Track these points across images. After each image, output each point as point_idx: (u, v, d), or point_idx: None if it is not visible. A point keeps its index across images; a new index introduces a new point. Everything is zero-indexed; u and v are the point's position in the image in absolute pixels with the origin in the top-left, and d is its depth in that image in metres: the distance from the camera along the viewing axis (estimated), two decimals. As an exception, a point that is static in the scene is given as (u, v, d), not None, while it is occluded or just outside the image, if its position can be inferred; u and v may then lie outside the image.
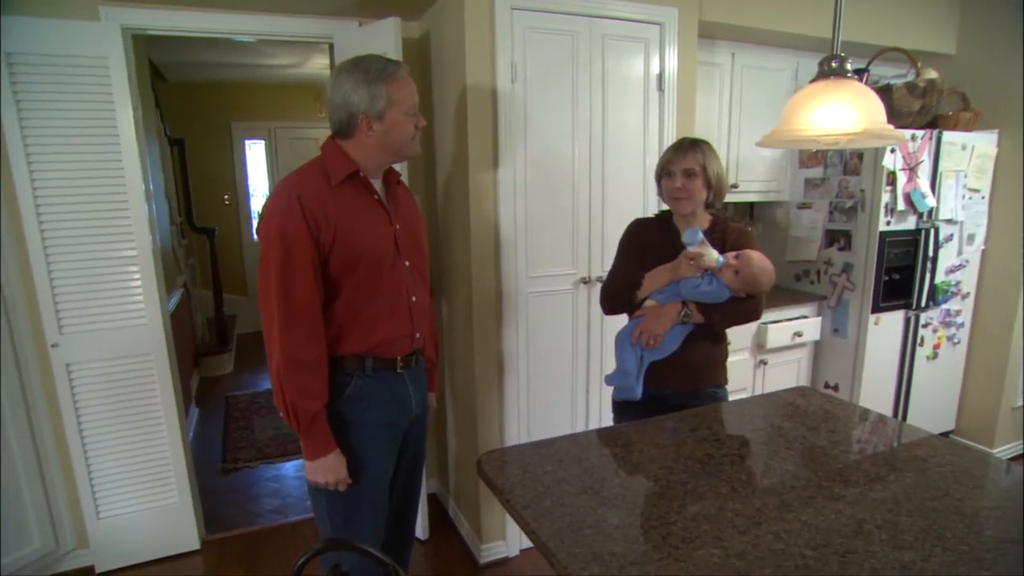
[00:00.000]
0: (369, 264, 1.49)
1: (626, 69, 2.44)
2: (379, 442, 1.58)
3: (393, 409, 1.61)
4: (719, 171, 1.76)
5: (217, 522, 2.82)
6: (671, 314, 1.73)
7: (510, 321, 2.40)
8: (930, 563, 1.00)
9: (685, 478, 1.28)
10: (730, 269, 1.66)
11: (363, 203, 1.52)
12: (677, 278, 1.73)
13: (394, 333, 1.56)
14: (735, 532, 1.08)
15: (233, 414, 4.11)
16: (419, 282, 1.64)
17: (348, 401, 1.53)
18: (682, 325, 1.73)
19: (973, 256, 3.24)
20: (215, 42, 4.29)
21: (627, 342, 1.79)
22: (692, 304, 1.72)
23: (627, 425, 1.56)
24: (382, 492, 1.61)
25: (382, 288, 1.52)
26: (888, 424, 1.66)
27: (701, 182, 1.74)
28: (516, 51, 2.23)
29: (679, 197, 1.77)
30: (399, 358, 1.59)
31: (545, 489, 1.24)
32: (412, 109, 1.51)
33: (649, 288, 1.78)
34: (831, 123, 1.14)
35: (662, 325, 1.73)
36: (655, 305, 1.77)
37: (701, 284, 1.69)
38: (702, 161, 1.73)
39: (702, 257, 1.65)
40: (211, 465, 3.37)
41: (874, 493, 1.22)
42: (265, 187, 6.35)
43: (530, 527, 1.11)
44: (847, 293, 2.99)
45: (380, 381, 1.56)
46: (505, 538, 2.56)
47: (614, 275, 1.91)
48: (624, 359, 1.80)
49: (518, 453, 1.41)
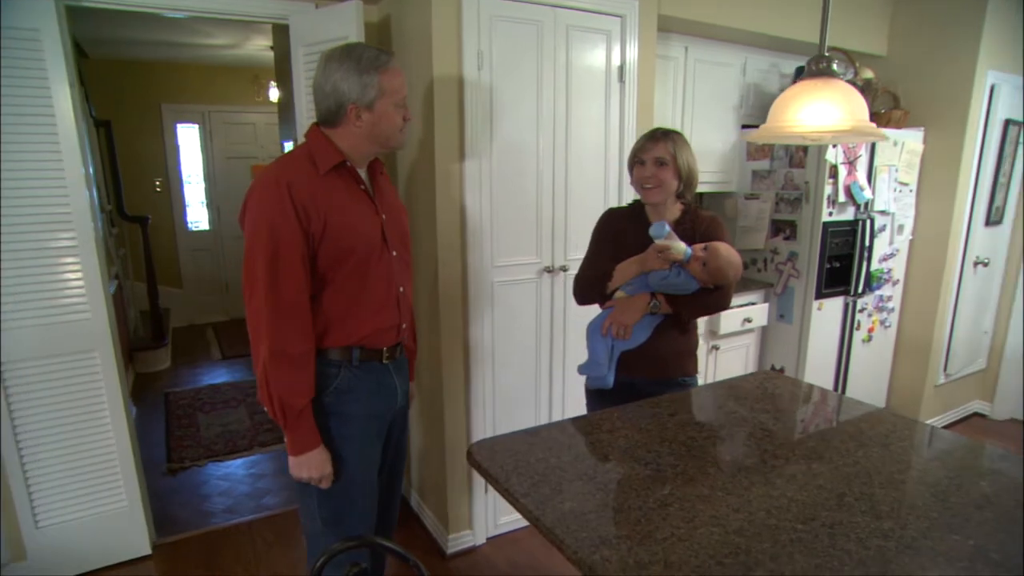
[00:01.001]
0: (359, 256, 1.46)
1: (589, 60, 2.47)
2: (366, 434, 1.56)
3: (380, 401, 1.59)
4: (690, 162, 1.79)
5: (168, 525, 2.70)
6: (640, 305, 1.76)
7: (476, 310, 2.40)
8: (907, 530, 1.08)
9: (673, 461, 1.32)
10: (697, 261, 1.68)
11: (351, 193, 1.49)
12: (646, 270, 1.75)
13: (383, 324, 1.54)
14: (730, 510, 1.13)
15: (175, 411, 3.93)
16: (405, 272, 1.63)
17: (335, 394, 1.50)
18: (651, 316, 1.77)
19: (903, 245, 3.47)
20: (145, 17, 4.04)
21: (598, 332, 1.82)
22: (661, 295, 1.75)
23: (609, 411, 1.59)
24: (371, 484, 1.59)
25: (371, 280, 1.50)
26: (848, 404, 1.76)
27: (671, 172, 1.77)
28: (483, 39, 2.21)
29: (649, 186, 1.80)
30: (385, 349, 1.57)
31: (541, 477, 1.25)
32: (402, 100, 1.48)
33: (619, 280, 1.80)
34: (818, 120, 1.19)
35: (631, 316, 1.75)
36: (625, 296, 1.79)
37: (669, 276, 1.71)
38: (673, 151, 1.76)
39: (669, 250, 1.67)
40: (156, 465, 3.21)
41: (847, 468, 1.30)
42: (199, 173, 6.05)
43: (532, 515, 1.12)
44: (792, 280, 3.14)
45: (366, 372, 1.54)
46: (472, 527, 2.56)
47: (587, 265, 1.93)
48: (595, 349, 1.83)
49: (507, 442, 1.42)
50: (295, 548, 2.58)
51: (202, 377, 4.63)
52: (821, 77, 1.24)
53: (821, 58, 1.25)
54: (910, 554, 1.01)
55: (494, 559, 2.52)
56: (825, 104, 1.19)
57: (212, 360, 5.05)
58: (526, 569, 2.46)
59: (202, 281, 6.12)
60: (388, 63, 1.44)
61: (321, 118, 1.48)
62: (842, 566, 0.97)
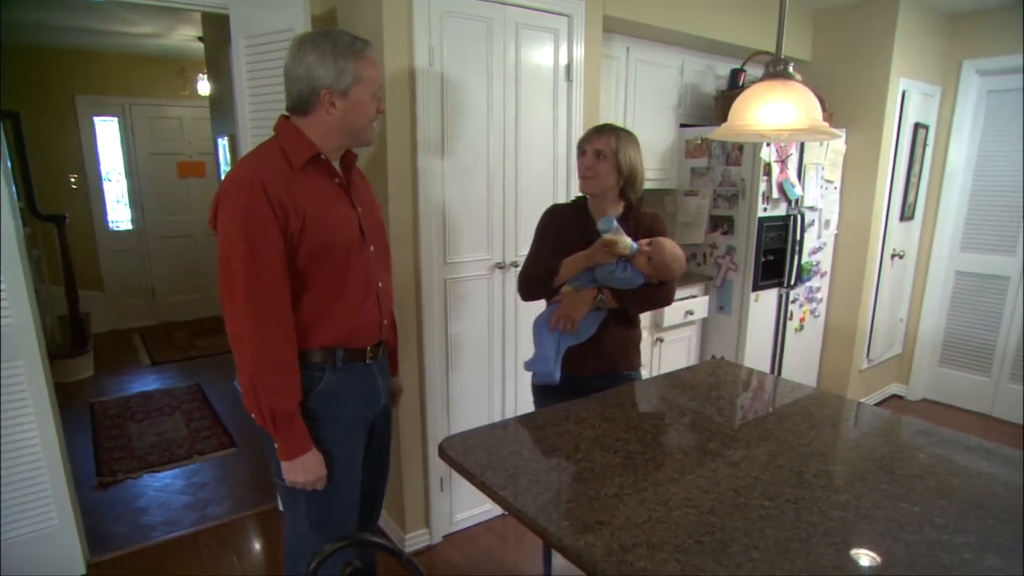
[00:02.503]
0: (339, 252, 1.43)
1: (538, 58, 2.49)
2: (350, 436, 1.54)
3: (363, 403, 1.57)
4: (633, 160, 1.80)
5: (102, 542, 2.54)
6: (587, 300, 1.77)
7: (428, 308, 2.38)
8: (862, 501, 1.16)
9: (642, 448, 1.36)
10: (643, 256, 1.71)
11: (327, 188, 1.45)
12: (592, 264, 1.76)
13: (363, 320, 1.52)
14: (700, 492, 1.18)
15: (103, 422, 3.70)
16: (383, 266, 1.60)
17: (320, 398, 1.46)
18: (597, 311, 1.79)
19: (829, 239, 3.68)
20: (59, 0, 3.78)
21: (545, 328, 1.83)
22: (607, 290, 1.77)
23: (574, 403, 1.62)
24: (356, 484, 1.57)
25: (351, 276, 1.47)
26: (796, 388, 1.86)
27: (610, 165, 1.78)
28: (433, 35, 2.20)
29: (585, 176, 1.82)
30: (368, 348, 1.54)
31: (516, 469, 1.27)
32: (377, 91, 1.45)
33: (566, 275, 1.80)
34: (776, 119, 1.26)
35: (578, 311, 1.76)
36: (571, 291, 1.80)
37: (616, 271, 1.73)
38: (614, 146, 1.78)
39: (616, 244, 1.69)
40: (84, 479, 3.01)
41: (803, 448, 1.38)
42: (121, 170, 5.71)
43: (513, 506, 1.13)
44: (731, 273, 3.28)
45: (350, 375, 1.51)
46: (429, 526, 2.55)
47: (532, 261, 1.92)
48: (542, 344, 1.83)
49: (478, 437, 1.42)
50: (246, 557, 2.49)
51: (130, 385, 4.38)
52: (779, 79, 1.31)
53: (779, 60, 1.32)
54: (867, 523, 1.09)
55: (451, 557, 2.51)
56: (783, 104, 1.26)
57: (140, 366, 4.79)
58: (484, 565, 2.47)
59: (126, 284, 5.77)
60: (365, 50, 1.41)
61: (291, 105, 1.43)
62: (809, 537, 1.04)
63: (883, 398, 4.24)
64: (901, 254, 3.93)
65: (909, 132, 3.72)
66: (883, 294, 3.86)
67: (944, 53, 3.82)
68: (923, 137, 3.85)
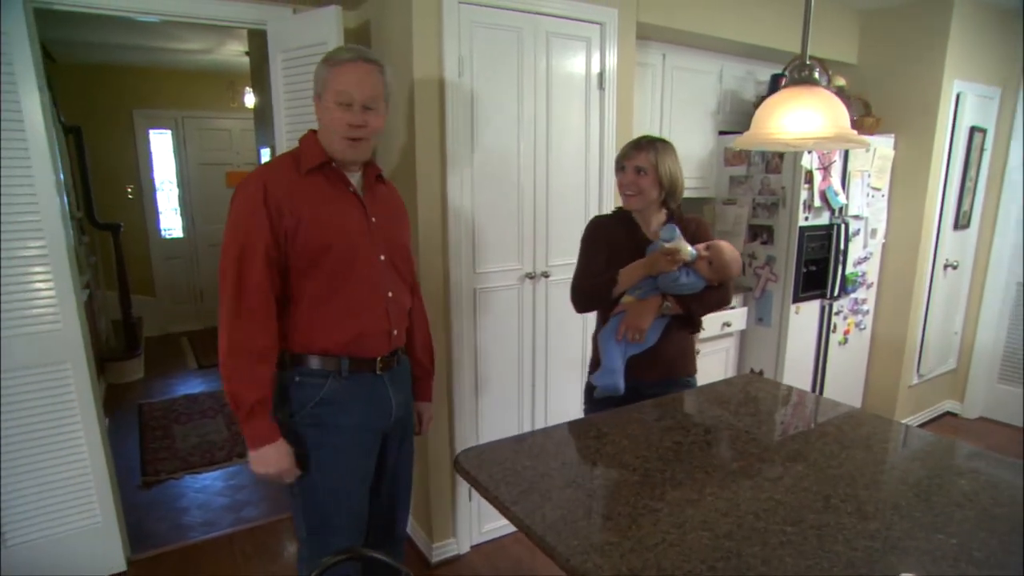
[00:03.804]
0: (339, 254, 1.45)
1: (569, 67, 2.48)
2: (355, 444, 1.54)
3: (371, 412, 1.56)
4: (673, 170, 1.81)
5: (143, 540, 2.63)
6: (653, 308, 1.77)
7: (458, 318, 2.38)
8: (893, 531, 1.09)
9: (661, 466, 1.32)
10: (703, 260, 1.73)
11: (335, 193, 1.49)
12: (653, 273, 1.76)
13: (369, 328, 1.51)
14: (718, 515, 1.13)
15: (149, 423, 3.84)
16: (396, 279, 1.59)
17: (322, 404, 1.48)
18: (661, 318, 1.79)
19: (876, 249, 3.54)
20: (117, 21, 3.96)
21: (611, 339, 1.80)
22: (671, 297, 1.78)
23: (594, 417, 1.59)
24: (358, 495, 1.57)
25: (353, 280, 1.48)
26: (830, 406, 1.78)
27: (651, 180, 1.79)
28: (463, 45, 2.21)
29: (629, 193, 1.83)
30: (378, 359, 1.54)
31: (530, 484, 1.25)
32: (344, 98, 1.42)
33: (625, 284, 1.80)
34: (801, 127, 1.21)
35: (645, 320, 1.76)
36: (635, 300, 1.79)
37: (680, 277, 1.74)
38: (654, 160, 1.78)
39: (678, 252, 1.70)
40: (129, 479, 3.13)
41: (832, 470, 1.32)
42: (173, 180, 5.95)
43: (523, 523, 1.12)
44: (770, 284, 3.18)
45: (356, 384, 1.52)
46: (456, 536, 2.54)
47: (584, 273, 1.92)
48: (611, 357, 1.80)
49: (494, 450, 1.41)
50: (277, 560, 2.53)
51: (177, 387, 4.53)
52: (804, 85, 1.26)
53: (804, 66, 1.27)
54: (897, 554, 1.03)
55: (478, 567, 2.50)
56: (808, 111, 1.21)
57: (187, 370, 4.95)
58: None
59: (176, 289, 6.00)
60: (343, 60, 1.43)
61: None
62: (832, 567, 0.98)
63: (935, 415, 4.03)
64: (955, 264, 3.74)
65: (964, 136, 3.54)
66: (935, 306, 3.68)
67: (1003, 53, 3.63)
68: (980, 141, 3.66)
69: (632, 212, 1.90)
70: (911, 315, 3.56)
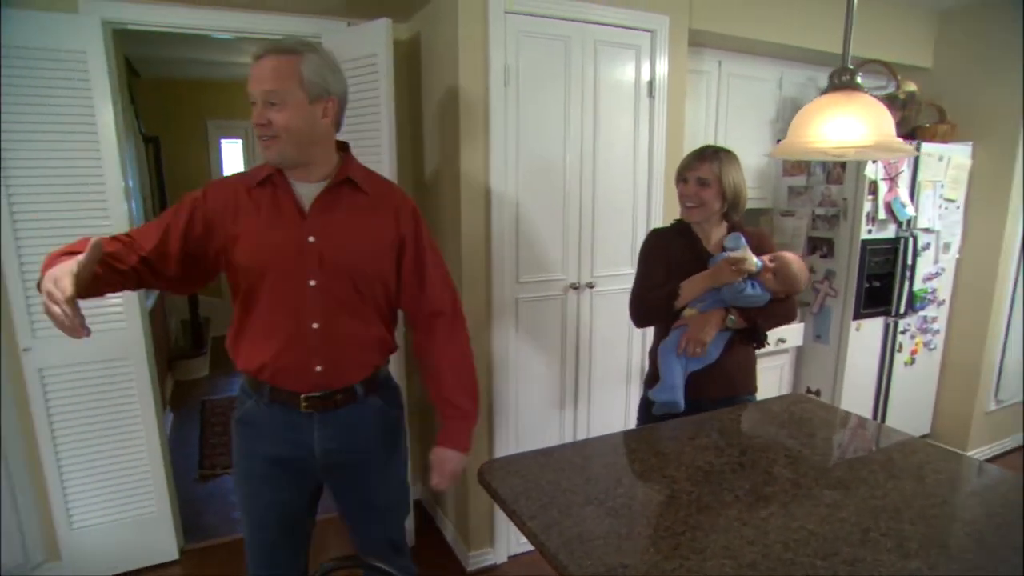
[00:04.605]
0: (254, 275, 1.36)
1: (617, 75, 2.45)
2: (264, 475, 1.46)
3: (286, 446, 1.44)
4: (737, 182, 1.76)
5: (196, 531, 2.74)
6: (716, 321, 1.72)
7: (500, 327, 2.38)
8: (936, 572, 1.01)
9: (689, 487, 1.28)
10: (768, 272, 1.68)
11: (273, 208, 1.38)
12: (717, 285, 1.71)
13: (283, 359, 1.37)
14: (744, 542, 1.08)
15: (210, 419, 4.02)
16: (334, 308, 1.39)
17: (239, 423, 1.48)
18: (724, 332, 1.73)
19: (948, 264, 3.32)
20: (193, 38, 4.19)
21: (672, 354, 1.75)
22: (735, 310, 1.72)
23: (626, 433, 1.55)
24: (267, 530, 1.50)
25: (268, 304, 1.37)
26: (882, 432, 1.68)
27: (714, 192, 1.75)
28: (509, 55, 2.22)
29: (690, 204, 1.79)
30: (302, 396, 1.40)
31: (550, 499, 1.22)
32: (251, 98, 1.32)
33: (687, 297, 1.76)
34: (841, 135, 1.15)
35: (708, 333, 1.71)
36: (697, 313, 1.74)
37: (745, 289, 1.68)
38: (717, 171, 1.74)
39: (744, 262, 1.65)
40: (188, 472, 3.28)
41: (875, 501, 1.23)
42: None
43: (538, 539, 1.10)
44: (829, 300, 3.04)
45: (276, 414, 1.42)
46: (493, 545, 2.53)
47: (644, 286, 1.88)
48: (671, 372, 1.74)
49: (518, 462, 1.39)
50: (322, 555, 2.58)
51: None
52: (844, 90, 1.19)
53: (844, 70, 1.20)
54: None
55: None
56: (848, 119, 1.14)
57: (249, 369, 5.15)
58: (547, 590, 2.42)
59: (242, 291, 6.27)
60: (253, 58, 1.33)
61: None
62: (860, 607, 0.92)
63: (1015, 445, 3.73)
64: (1040, 283, 3.46)
65: (1052, 145, 3.28)
66: (1016, 327, 3.41)
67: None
68: (1071, 151, 3.38)
69: (692, 224, 1.85)
70: (988, 336, 3.32)
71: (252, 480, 1.48)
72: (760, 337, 1.81)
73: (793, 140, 1.23)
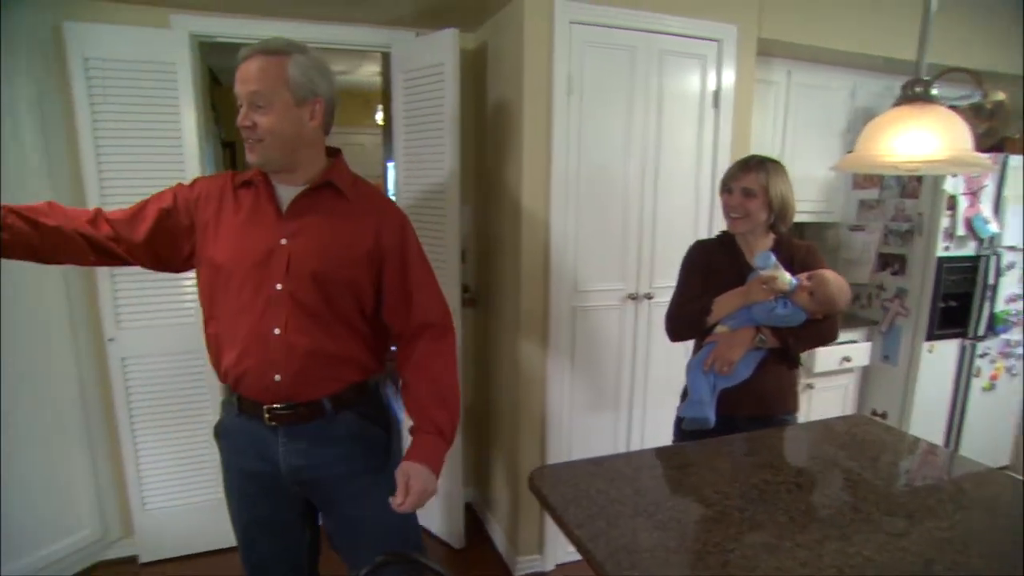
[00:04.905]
0: (224, 273, 1.33)
1: (682, 85, 2.43)
2: (238, 488, 1.45)
3: (256, 460, 1.40)
4: (784, 193, 1.71)
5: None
6: (745, 340, 1.68)
7: (557, 334, 2.39)
8: (1005, 610, 0.96)
9: (742, 504, 1.25)
10: (804, 291, 1.62)
11: (252, 209, 1.36)
12: (749, 303, 1.68)
13: (244, 366, 1.32)
14: (796, 564, 1.06)
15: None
16: (298, 315, 1.32)
17: (217, 435, 1.48)
18: (755, 351, 1.69)
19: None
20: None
21: (699, 370, 1.74)
22: (766, 329, 1.68)
23: (680, 446, 1.54)
24: (250, 542, 1.49)
25: (230, 306, 1.33)
26: (954, 460, 1.60)
27: (760, 203, 1.71)
28: (573, 64, 2.24)
29: (735, 215, 1.75)
30: (265, 407, 1.34)
31: (599, 509, 1.23)
32: (238, 100, 1.29)
33: (720, 313, 1.73)
34: (913, 149, 1.11)
35: (736, 352, 1.68)
36: (727, 331, 1.72)
37: (776, 308, 1.64)
38: (764, 182, 1.70)
39: (775, 280, 1.61)
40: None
41: (940, 532, 1.18)
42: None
43: (585, 547, 1.10)
44: (900, 319, 2.91)
45: (246, 424, 1.39)
46: (542, 553, 2.54)
47: (680, 300, 1.86)
48: (698, 388, 1.73)
49: (569, 470, 1.41)
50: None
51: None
52: (917, 102, 1.15)
53: (918, 81, 1.16)
54: (1004, 636, 0.90)
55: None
56: (920, 132, 1.10)
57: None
58: (594, 601, 2.40)
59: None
60: (243, 56, 1.30)
61: None
62: (919, 640, 0.88)
63: (1109, 483, 3.46)
64: None
65: None
66: (1112, 356, 3.17)
67: None
68: None
69: (736, 236, 1.82)
70: (1079, 364, 3.10)
71: (232, 496, 1.47)
72: (792, 358, 1.75)
73: (861, 153, 1.19)
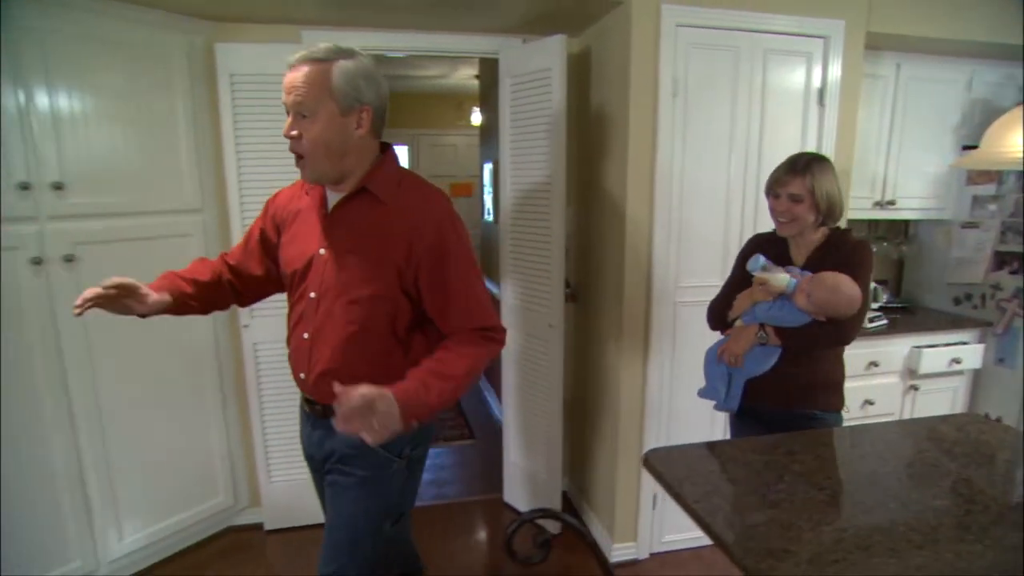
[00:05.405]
0: (285, 279, 1.50)
1: (786, 83, 2.44)
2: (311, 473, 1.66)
3: (304, 440, 1.60)
4: (830, 193, 1.74)
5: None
6: (748, 336, 1.79)
7: (657, 328, 2.47)
8: None
9: (851, 489, 1.30)
10: (802, 293, 1.69)
11: (310, 218, 1.45)
12: (754, 301, 1.79)
13: (293, 363, 1.52)
14: (910, 546, 1.10)
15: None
16: (325, 321, 1.38)
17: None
18: (763, 346, 1.78)
19: None
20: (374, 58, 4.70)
21: (713, 358, 1.90)
22: (769, 327, 1.76)
23: (786, 436, 1.59)
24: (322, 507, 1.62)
25: (291, 309, 1.50)
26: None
27: (806, 207, 1.75)
28: (678, 66, 2.30)
29: (782, 220, 1.80)
30: (303, 396, 1.53)
31: (713, 487, 1.31)
32: (287, 107, 1.32)
33: (738, 309, 1.85)
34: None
35: (739, 346, 1.80)
36: (739, 326, 1.85)
37: (771, 308, 1.75)
38: (810, 185, 1.73)
39: (768, 282, 1.72)
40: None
41: (1064, 527, 1.18)
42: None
43: (703, 520, 1.19)
44: (1017, 320, 2.77)
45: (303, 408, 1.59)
46: (636, 540, 2.62)
47: (722, 291, 1.99)
48: (710, 374, 1.92)
49: (681, 453, 1.49)
50: (470, 534, 2.82)
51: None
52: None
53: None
54: None
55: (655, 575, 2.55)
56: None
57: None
58: (688, 590, 2.46)
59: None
60: (289, 64, 1.32)
61: None
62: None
63: None
64: None
65: None
66: None
67: None
68: None
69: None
70: None
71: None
72: (809, 356, 1.79)
73: (990, 150, 1.20)
